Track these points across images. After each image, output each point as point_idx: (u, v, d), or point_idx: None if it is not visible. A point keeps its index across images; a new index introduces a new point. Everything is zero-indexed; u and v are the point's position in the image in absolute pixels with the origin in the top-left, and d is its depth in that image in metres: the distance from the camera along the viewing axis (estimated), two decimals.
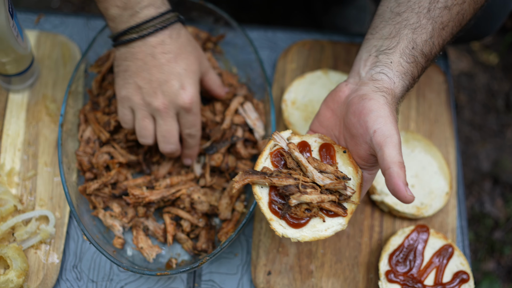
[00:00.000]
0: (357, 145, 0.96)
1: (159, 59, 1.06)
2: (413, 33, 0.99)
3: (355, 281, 1.24)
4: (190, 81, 1.09)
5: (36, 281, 1.17)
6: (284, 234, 0.92)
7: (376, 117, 0.91)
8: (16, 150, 1.28)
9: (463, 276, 1.18)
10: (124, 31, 1.05)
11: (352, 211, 0.95)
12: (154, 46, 1.05)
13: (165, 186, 1.21)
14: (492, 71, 2.36)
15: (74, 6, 2.22)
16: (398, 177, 0.87)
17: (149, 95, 1.07)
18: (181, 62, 1.08)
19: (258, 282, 1.22)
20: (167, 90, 1.07)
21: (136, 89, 1.08)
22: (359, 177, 0.97)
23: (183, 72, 1.08)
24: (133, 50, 1.06)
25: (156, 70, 1.06)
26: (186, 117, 1.11)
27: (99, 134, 1.23)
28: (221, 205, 1.22)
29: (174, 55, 1.07)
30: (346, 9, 1.91)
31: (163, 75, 1.06)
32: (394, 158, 0.88)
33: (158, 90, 1.07)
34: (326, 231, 0.93)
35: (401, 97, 0.99)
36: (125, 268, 1.07)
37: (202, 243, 1.20)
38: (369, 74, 0.98)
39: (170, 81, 1.06)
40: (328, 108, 1.03)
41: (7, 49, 1.16)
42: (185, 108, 1.08)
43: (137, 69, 1.07)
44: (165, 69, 1.06)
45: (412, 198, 0.87)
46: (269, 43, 1.49)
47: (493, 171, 2.19)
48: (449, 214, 1.32)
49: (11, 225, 1.17)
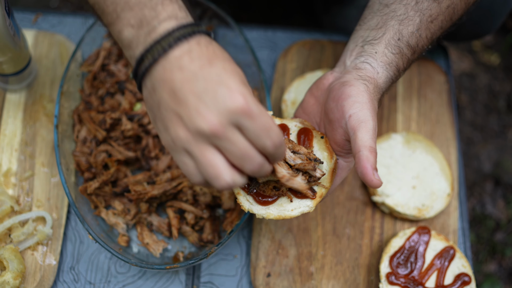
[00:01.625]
0: (333, 130, 0.96)
1: (189, 69, 0.78)
2: (400, 24, 0.99)
3: (356, 283, 1.23)
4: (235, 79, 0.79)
5: (33, 283, 1.16)
6: (250, 210, 0.92)
7: (353, 102, 0.92)
8: (13, 150, 1.27)
9: (464, 279, 1.17)
10: (143, 54, 0.80)
11: (321, 194, 0.94)
12: (179, 57, 0.78)
13: (166, 180, 1.21)
14: (493, 71, 2.35)
15: (73, 6, 2.21)
16: (366, 161, 0.87)
17: (192, 119, 0.76)
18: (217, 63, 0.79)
19: (258, 284, 1.21)
20: (210, 100, 0.76)
21: (177, 122, 0.78)
22: (333, 162, 0.96)
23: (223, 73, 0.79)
24: (158, 76, 0.79)
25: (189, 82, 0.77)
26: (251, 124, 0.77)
27: (95, 133, 1.22)
28: (224, 195, 1.21)
29: (207, 59, 0.79)
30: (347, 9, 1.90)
31: (199, 84, 0.77)
32: (365, 142, 0.88)
33: (200, 106, 0.76)
34: (293, 211, 0.93)
35: (385, 88, 1.00)
36: (133, 264, 1.06)
37: (208, 234, 1.20)
38: (353, 63, 0.99)
39: (209, 87, 0.77)
40: (312, 95, 1.04)
41: (4, 48, 1.15)
42: (242, 111, 0.76)
43: (169, 95, 0.78)
44: (199, 77, 0.77)
45: (380, 182, 0.87)
46: (269, 43, 1.48)
47: (495, 172, 2.17)
48: (450, 215, 1.31)
49: (8, 226, 1.17)
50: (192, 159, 0.79)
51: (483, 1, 1.25)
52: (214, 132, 0.75)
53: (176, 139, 0.78)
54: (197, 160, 0.78)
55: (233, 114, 0.76)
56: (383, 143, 1.32)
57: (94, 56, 1.30)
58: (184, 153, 0.79)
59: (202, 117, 0.75)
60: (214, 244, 1.19)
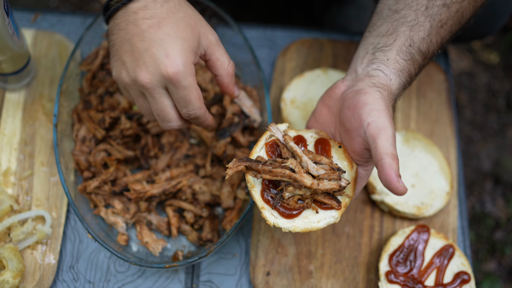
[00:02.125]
0: (351, 140, 0.96)
1: (140, 25, 0.91)
2: (411, 30, 0.99)
3: (355, 281, 1.23)
4: (175, 47, 0.91)
5: (32, 282, 1.16)
6: (275, 224, 0.92)
7: (370, 110, 0.92)
8: (12, 149, 1.27)
9: (464, 277, 1.17)
10: (107, 2, 0.94)
11: (346, 204, 0.94)
12: (135, 12, 0.91)
13: (166, 179, 1.21)
14: (493, 70, 2.35)
15: (72, 5, 2.21)
16: (390, 168, 0.87)
17: (133, 70, 0.92)
18: (165, 27, 0.91)
19: (257, 282, 1.21)
20: (148, 59, 0.91)
21: (121, 66, 0.94)
22: (354, 171, 0.96)
23: (167, 38, 0.91)
24: (117, 21, 0.94)
25: (138, 38, 0.91)
26: (176, 92, 0.93)
27: (94, 132, 1.22)
28: (223, 194, 1.21)
29: (157, 20, 0.91)
30: (346, 8, 1.90)
31: (144, 43, 0.91)
32: (387, 150, 0.88)
33: (140, 62, 0.91)
34: (319, 223, 0.92)
35: (398, 94, 0.99)
36: (133, 263, 1.06)
37: (207, 233, 1.20)
38: (365, 70, 0.99)
39: (151, 48, 0.90)
40: (324, 105, 1.03)
41: (3, 48, 1.15)
42: (170, 79, 0.91)
43: (120, 41, 0.93)
44: (146, 36, 0.91)
45: (405, 189, 0.87)
46: (268, 42, 1.48)
47: (494, 171, 2.17)
48: (450, 214, 1.31)
49: (7, 225, 1.16)
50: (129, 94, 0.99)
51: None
52: (143, 84, 0.92)
53: (118, 78, 0.96)
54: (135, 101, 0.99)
55: (163, 79, 0.91)
56: None
57: (93, 55, 1.30)
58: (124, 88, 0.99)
59: (139, 71, 0.92)
60: (213, 243, 1.19)
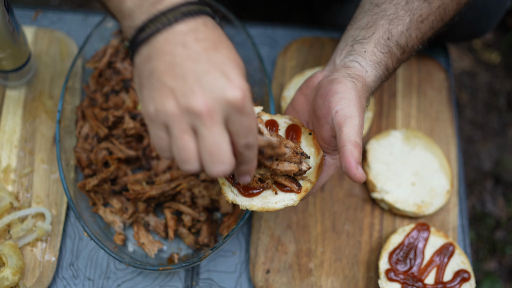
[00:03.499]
0: (320, 127, 0.97)
1: (193, 47, 0.77)
2: (390, 23, 1.00)
3: (355, 279, 1.23)
4: (237, 71, 0.78)
5: (32, 279, 1.16)
6: (233, 200, 0.93)
7: (340, 99, 0.93)
8: (12, 147, 1.27)
9: (464, 275, 1.17)
10: (145, 23, 0.79)
11: (306, 189, 0.95)
12: (185, 34, 0.78)
13: (165, 180, 1.20)
14: (494, 70, 2.34)
15: (73, 3, 2.21)
16: (350, 155, 0.87)
17: (186, 96, 0.75)
18: (223, 51, 0.79)
19: (257, 280, 1.21)
20: (209, 84, 0.76)
21: (167, 95, 0.76)
22: (319, 158, 0.97)
23: (227, 61, 0.78)
24: (158, 45, 0.78)
25: (191, 61, 0.77)
26: (239, 120, 0.78)
27: (97, 130, 1.22)
28: (222, 199, 1.21)
29: (212, 43, 0.79)
30: (346, 7, 1.90)
31: (201, 65, 0.77)
32: (350, 137, 0.89)
33: (197, 87, 0.76)
34: (276, 204, 0.93)
35: (374, 87, 1.00)
36: (126, 263, 1.06)
37: (204, 237, 1.19)
38: (342, 62, 1.00)
39: (210, 72, 0.77)
40: (302, 93, 1.04)
41: (3, 45, 1.15)
42: (237, 105, 0.76)
43: (165, 67, 0.77)
44: (202, 58, 0.77)
45: (363, 177, 0.87)
46: (268, 40, 1.48)
47: (495, 170, 2.17)
48: (450, 212, 1.31)
49: (7, 222, 1.17)
50: (167, 135, 0.78)
51: (478, 1, 1.25)
52: (201, 113, 0.75)
53: (161, 111, 0.77)
54: (174, 139, 0.78)
55: (227, 106, 0.76)
56: (383, 140, 1.32)
57: (101, 53, 1.30)
58: (163, 127, 0.78)
59: (197, 97, 0.75)
60: (209, 247, 1.18)
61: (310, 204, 1.28)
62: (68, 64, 1.36)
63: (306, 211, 1.27)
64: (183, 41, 0.77)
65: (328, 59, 1.44)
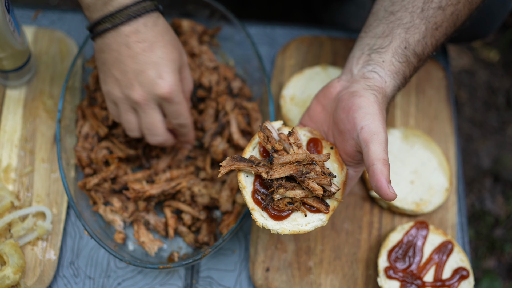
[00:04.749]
0: (344, 141, 0.96)
1: (134, 48, 1.01)
2: (406, 32, 0.99)
3: (354, 277, 1.23)
4: (167, 69, 1.03)
5: (33, 277, 1.16)
6: (264, 225, 0.92)
7: (364, 114, 0.92)
8: (13, 146, 1.27)
9: (463, 273, 1.17)
10: (98, 21, 1.00)
11: (334, 208, 0.95)
12: (128, 36, 1.00)
13: (165, 179, 1.21)
14: (492, 68, 2.35)
15: (73, 3, 2.22)
16: (381, 174, 0.87)
17: (127, 88, 1.03)
18: (157, 51, 1.02)
19: (256, 278, 1.21)
20: (144, 80, 1.02)
21: (114, 82, 1.04)
22: (344, 174, 0.97)
23: (160, 61, 1.02)
24: (108, 41, 1.01)
25: (131, 60, 1.01)
26: (169, 107, 1.06)
27: (97, 129, 1.22)
28: (222, 198, 1.21)
29: (149, 44, 1.02)
30: (345, 6, 1.90)
31: (138, 65, 1.01)
32: (379, 155, 0.88)
33: (135, 82, 1.02)
34: (306, 226, 0.93)
35: (392, 96, 1.00)
36: (127, 262, 1.07)
37: (204, 236, 1.20)
38: (361, 72, 0.99)
39: (146, 70, 1.01)
40: (319, 103, 1.04)
41: (4, 44, 1.15)
42: (165, 98, 1.03)
43: (113, 61, 1.02)
44: (140, 58, 1.01)
45: (394, 196, 0.88)
46: (267, 39, 1.49)
47: (494, 168, 2.18)
48: (448, 210, 1.31)
49: (8, 221, 1.17)
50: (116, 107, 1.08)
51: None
52: (138, 101, 1.03)
53: (110, 93, 1.06)
54: (120, 113, 1.08)
55: (158, 97, 1.03)
56: None
57: None
58: (113, 103, 1.08)
59: (134, 89, 1.02)
60: (209, 245, 1.19)
61: None
62: (68, 63, 1.36)
63: None
64: (126, 42, 1.00)
65: (327, 57, 1.45)
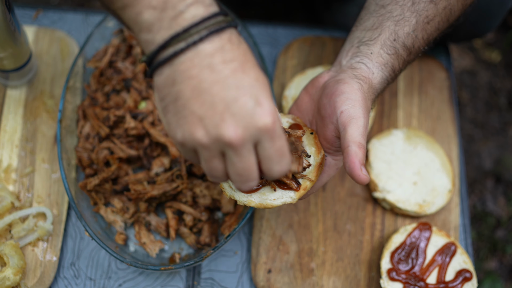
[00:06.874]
0: (324, 127, 0.96)
1: (221, 71, 0.74)
2: (396, 25, 0.99)
3: (357, 279, 1.23)
4: (265, 93, 0.76)
5: (33, 278, 1.16)
6: (231, 196, 0.92)
7: (345, 99, 0.92)
8: (13, 146, 1.26)
9: (466, 275, 1.17)
10: (167, 41, 0.74)
11: (306, 187, 0.94)
12: (211, 55, 0.74)
13: (167, 180, 1.20)
14: (494, 68, 2.34)
15: (74, 3, 2.21)
16: (355, 155, 0.87)
17: (216, 126, 0.73)
18: (250, 72, 0.76)
19: (258, 280, 1.20)
20: (239, 111, 0.73)
21: (196, 123, 0.74)
22: (320, 157, 0.96)
23: (255, 84, 0.75)
24: (183, 68, 0.74)
25: (219, 87, 0.73)
26: (271, 145, 0.76)
27: (98, 129, 1.22)
28: (224, 199, 1.20)
29: (240, 64, 0.75)
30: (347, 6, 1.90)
31: (230, 91, 0.74)
32: (355, 138, 0.88)
33: (227, 115, 0.73)
34: (275, 201, 0.92)
35: (380, 88, 1.00)
36: (128, 263, 1.06)
37: (205, 237, 1.19)
38: (349, 63, 1.00)
39: (240, 98, 0.74)
40: (307, 93, 1.04)
41: (4, 44, 1.15)
42: (267, 131, 0.74)
43: (192, 92, 0.74)
44: (231, 83, 0.74)
45: (366, 178, 0.87)
46: (269, 39, 1.48)
47: (496, 169, 2.17)
48: (451, 211, 1.31)
49: (8, 222, 1.16)
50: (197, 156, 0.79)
51: (481, 1, 1.25)
52: (232, 143, 0.73)
53: (189, 139, 0.76)
54: (203, 161, 0.78)
55: (258, 132, 0.74)
56: (384, 139, 1.32)
57: (102, 53, 1.29)
58: (192, 151, 0.79)
59: (227, 126, 0.73)
60: (211, 247, 1.18)
61: (312, 204, 1.28)
62: (68, 63, 1.36)
63: (308, 211, 1.27)
64: (209, 64, 0.73)
65: (329, 58, 1.44)
